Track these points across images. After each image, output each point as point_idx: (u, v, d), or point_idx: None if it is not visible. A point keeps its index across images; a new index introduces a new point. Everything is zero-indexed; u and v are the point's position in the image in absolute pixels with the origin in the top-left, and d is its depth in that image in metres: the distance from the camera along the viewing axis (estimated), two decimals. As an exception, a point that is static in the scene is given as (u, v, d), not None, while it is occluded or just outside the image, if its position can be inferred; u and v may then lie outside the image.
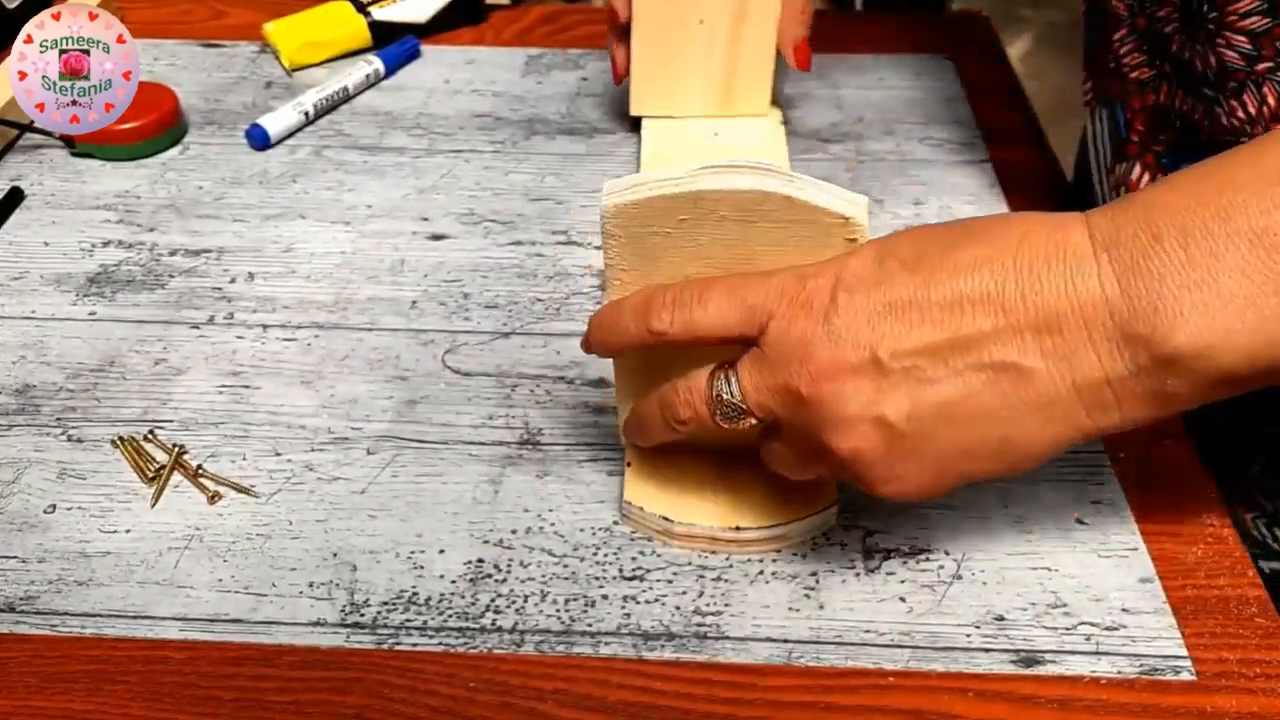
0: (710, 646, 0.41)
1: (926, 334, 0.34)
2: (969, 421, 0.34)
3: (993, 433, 0.34)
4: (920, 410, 0.34)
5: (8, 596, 0.42)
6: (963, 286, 0.34)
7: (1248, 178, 0.32)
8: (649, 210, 0.37)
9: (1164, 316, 0.32)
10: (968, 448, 0.35)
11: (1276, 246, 0.31)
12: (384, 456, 0.48)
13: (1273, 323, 0.31)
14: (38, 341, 0.53)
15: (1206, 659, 0.40)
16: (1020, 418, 0.34)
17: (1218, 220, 0.32)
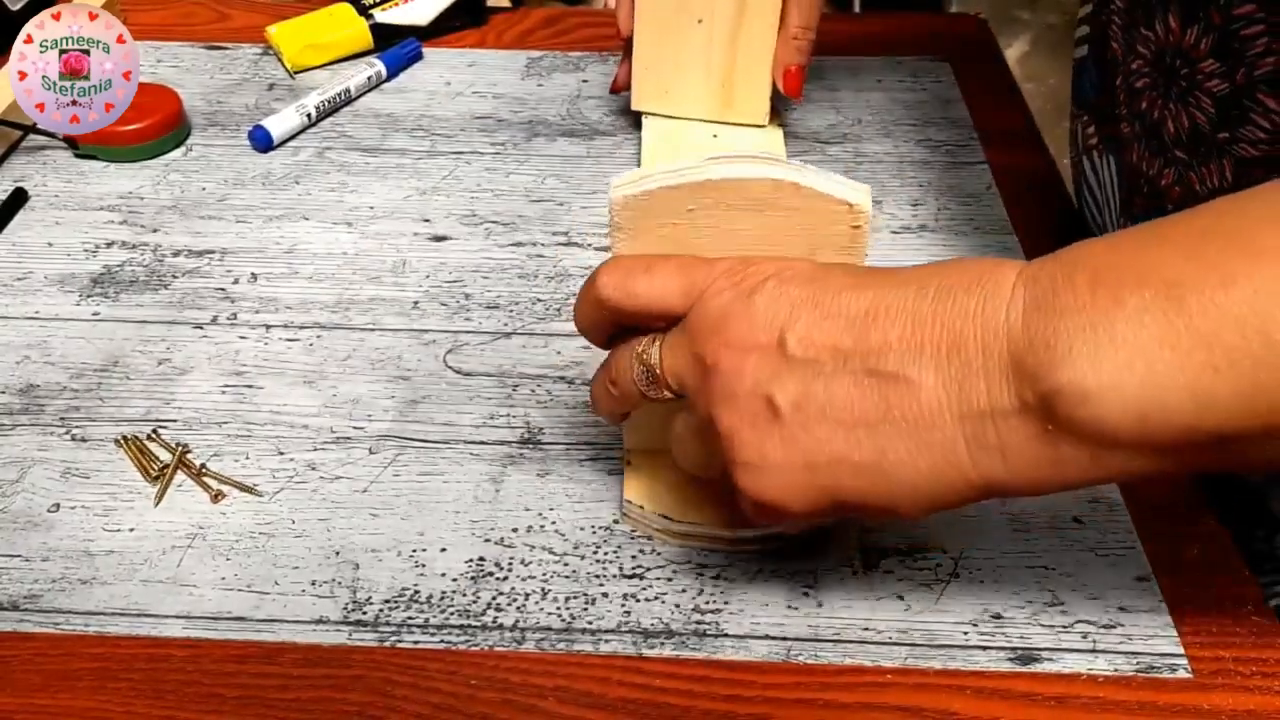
0: (709, 644, 0.41)
1: (837, 331, 0.33)
2: (848, 425, 0.33)
3: (868, 443, 0.33)
4: (806, 401, 0.33)
5: (12, 595, 0.42)
6: (885, 298, 0.33)
7: (1176, 235, 0.31)
8: (657, 202, 0.37)
9: (1052, 352, 0.30)
10: (841, 453, 0.33)
11: (1182, 300, 0.29)
12: (386, 456, 0.48)
13: (1163, 379, 0.29)
14: (42, 341, 0.53)
15: (1202, 657, 0.41)
16: (899, 435, 0.32)
17: (1131, 268, 0.30)
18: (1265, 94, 0.39)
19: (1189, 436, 0.29)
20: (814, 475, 0.34)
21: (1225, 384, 0.28)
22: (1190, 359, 0.28)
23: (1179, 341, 0.28)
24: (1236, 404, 0.29)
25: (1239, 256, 0.29)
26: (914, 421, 0.32)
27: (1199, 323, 0.28)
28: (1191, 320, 0.28)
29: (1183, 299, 0.29)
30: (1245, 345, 0.28)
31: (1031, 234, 0.60)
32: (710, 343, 0.35)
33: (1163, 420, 0.29)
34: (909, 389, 0.32)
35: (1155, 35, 0.45)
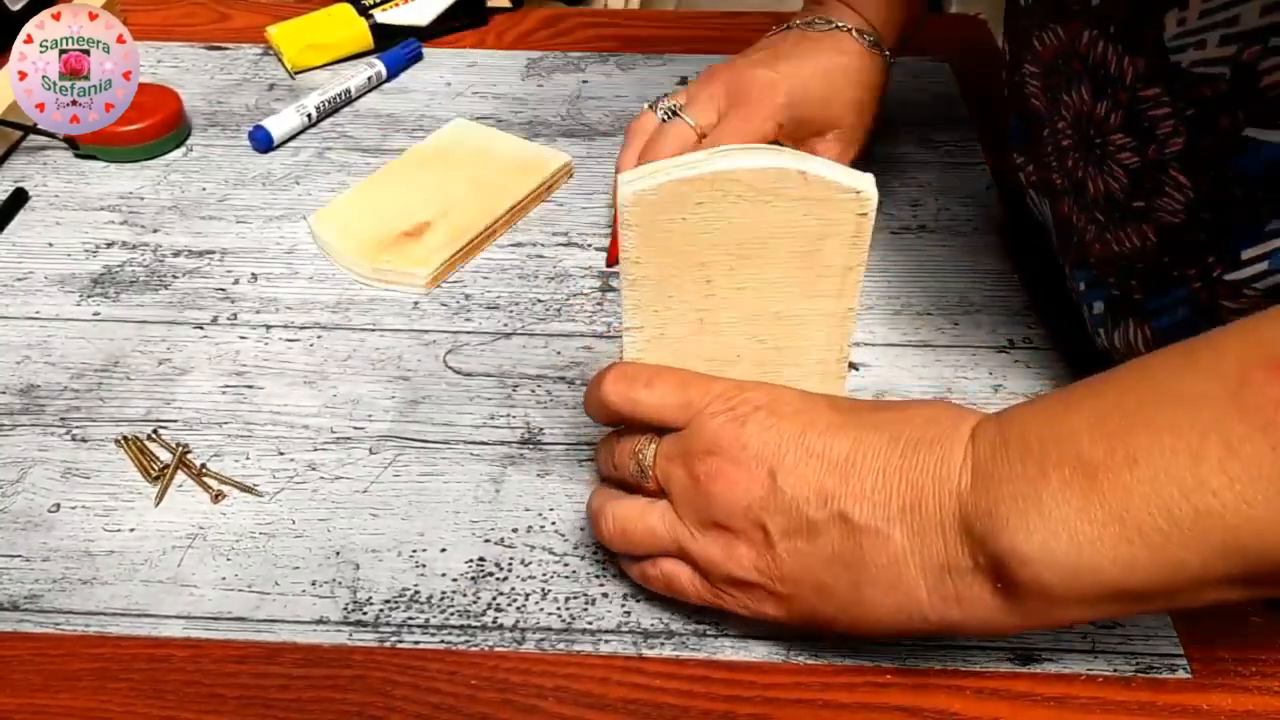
0: (709, 644, 0.41)
1: (821, 474, 0.36)
2: (829, 561, 0.36)
3: (845, 578, 0.36)
4: (794, 533, 0.36)
5: (12, 595, 0.42)
6: (862, 443, 0.36)
7: (1090, 407, 0.33)
8: (666, 196, 0.37)
9: (994, 520, 0.33)
10: (822, 583, 0.36)
11: (1094, 478, 0.32)
12: (386, 456, 0.48)
13: (1086, 548, 0.32)
14: (42, 342, 0.54)
15: (1202, 657, 0.41)
16: (872, 576, 0.36)
17: (1053, 441, 0.33)
18: (1177, 171, 0.40)
19: (1123, 593, 0.33)
20: (796, 596, 0.37)
21: (1142, 552, 0.31)
22: (1106, 531, 0.32)
23: (1095, 515, 0.32)
24: (1157, 569, 0.32)
25: (1142, 433, 0.32)
26: (884, 566, 0.35)
27: (1110, 500, 0.32)
28: (1104, 498, 0.32)
29: (1095, 477, 0.32)
30: (1152, 520, 0.31)
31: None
32: (704, 462, 0.38)
33: (1094, 581, 0.32)
34: (879, 539, 0.35)
35: (1072, 101, 0.46)
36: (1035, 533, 0.32)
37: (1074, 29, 0.45)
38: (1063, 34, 0.46)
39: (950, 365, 0.53)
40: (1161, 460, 0.31)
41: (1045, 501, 0.32)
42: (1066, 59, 0.46)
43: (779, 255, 0.39)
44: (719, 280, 0.39)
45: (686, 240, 0.39)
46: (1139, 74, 0.41)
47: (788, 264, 0.39)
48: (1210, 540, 0.31)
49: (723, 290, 0.40)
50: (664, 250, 0.39)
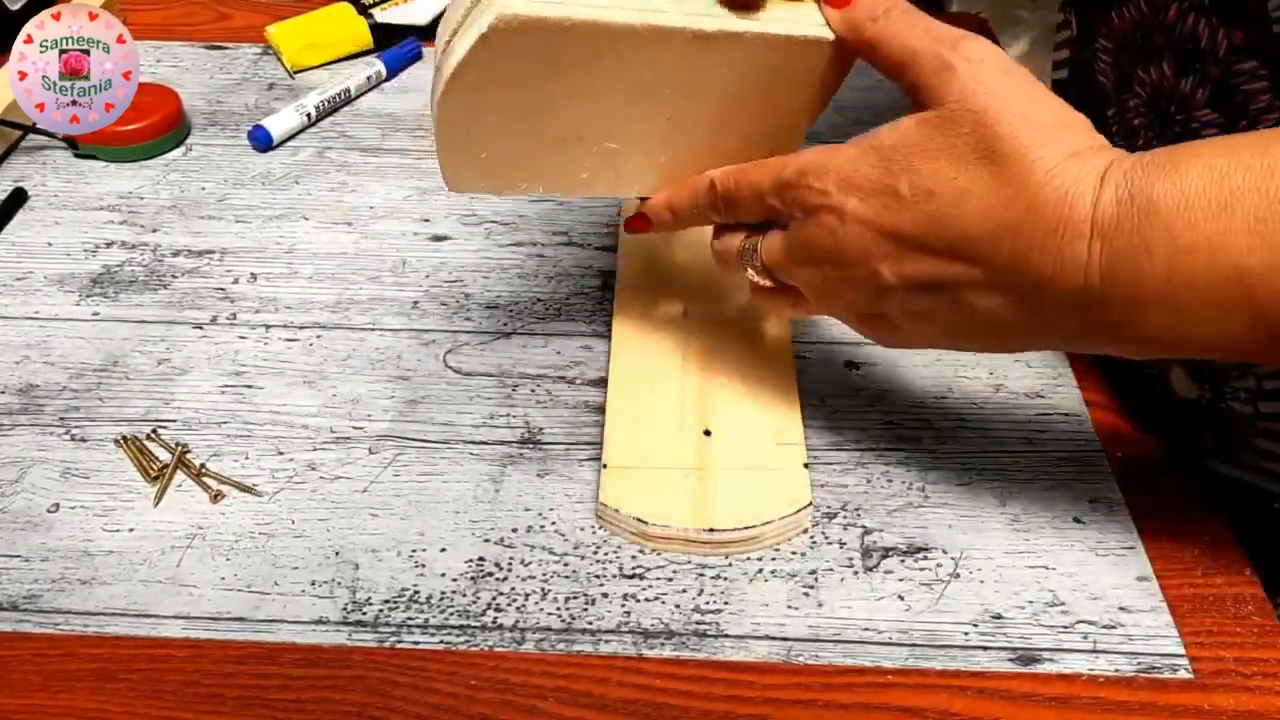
0: (709, 644, 0.41)
1: (924, 268, 0.37)
2: (952, 328, 0.39)
3: (974, 331, 0.39)
4: (913, 312, 0.39)
5: (11, 595, 0.42)
6: (961, 244, 0.36)
7: (1251, 200, 0.32)
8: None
9: (1136, 310, 0.34)
10: (950, 334, 0.40)
11: (1249, 286, 0.32)
12: (386, 456, 0.48)
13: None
14: (41, 341, 0.53)
15: (1204, 657, 0.41)
16: (994, 335, 0.38)
17: (1206, 245, 0.33)
18: None
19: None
20: (938, 332, 0.40)
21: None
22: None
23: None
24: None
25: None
26: (999, 329, 0.38)
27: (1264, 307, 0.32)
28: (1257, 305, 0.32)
29: (1249, 286, 0.32)
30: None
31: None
32: (820, 270, 0.40)
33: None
34: (997, 320, 0.37)
35: (1149, 78, 0.46)
36: (1180, 327, 0.34)
37: (1160, 3, 0.44)
38: (1145, 6, 0.45)
39: (950, 365, 0.53)
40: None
41: (1186, 311, 0.33)
42: (1146, 33, 0.45)
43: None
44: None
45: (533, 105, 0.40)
46: (1234, 46, 0.40)
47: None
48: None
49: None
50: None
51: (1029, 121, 0.36)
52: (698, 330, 0.52)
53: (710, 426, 0.47)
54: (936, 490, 0.47)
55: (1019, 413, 0.50)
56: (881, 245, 0.38)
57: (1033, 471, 0.47)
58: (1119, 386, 0.51)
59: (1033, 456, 0.48)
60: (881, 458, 0.48)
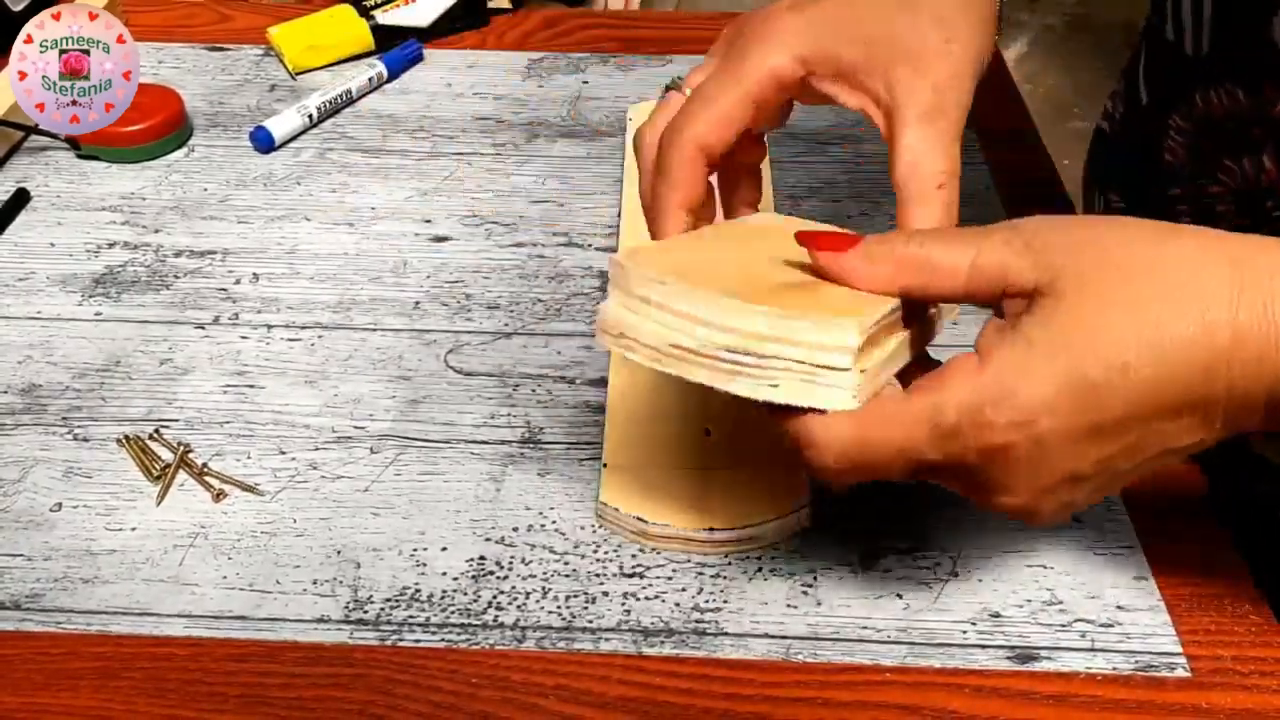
0: (709, 643, 0.41)
1: (1130, 441, 0.33)
2: (1136, 479, 0.35)
3: (1150, 475, 0.35)
4: (1102, 489, 0.35)
5: (14, 594, 0.42)
6: (1172, 399, 0.32)
7: None
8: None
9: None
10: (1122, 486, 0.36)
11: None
12: (387, 455, 0.48)
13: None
14: (44, 341, 0.54)
15: (1201, 655, 0.41)
16: (1179, 460, 0.35)
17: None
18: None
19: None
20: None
21: None
22: None
23: None
24: None
25: None
26: (1188, 454, 0.34)
27: None
28: None
29: None
30: None
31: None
32: (997, 500, 0.35)
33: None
34: (1195, 449, 0.34)
35: (1240, 168, 0.43)
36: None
37: (1265, 93, 0.41)
38: (1245, 98, 0.43)
39: (950, 365, 0.53)
40: None
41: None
42: (1242, 124, 0.42)
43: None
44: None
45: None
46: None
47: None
48: None
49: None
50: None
51: (1158, 240, 0.33)
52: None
53: (710, 426, 0.47)
54: (935, 489, 0.47)
55: (1017, 413, 0.50)
56: (1085, 449, 0.33)
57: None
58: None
59: (1031, 456, 0.48)
60: (880, 457, 0.48)
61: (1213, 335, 0.32)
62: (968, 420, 0.33)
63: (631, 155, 0.65)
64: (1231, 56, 0.43)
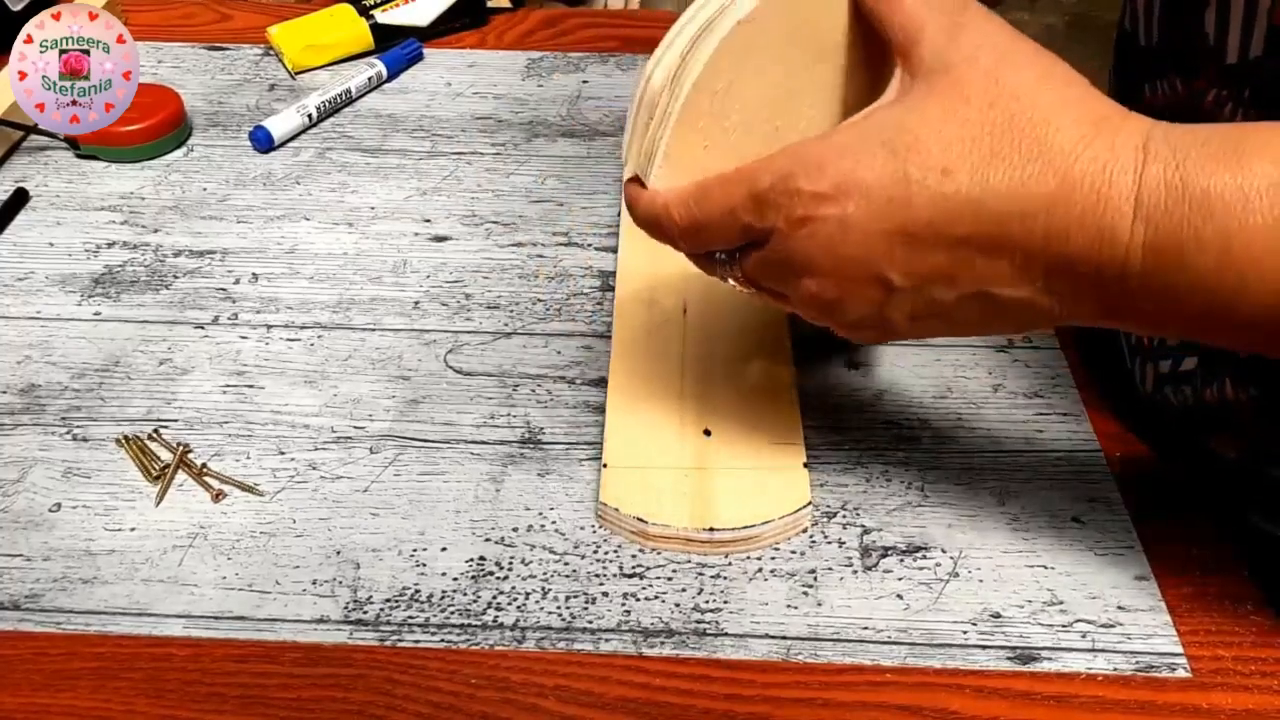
0: (709, 643, 0.41)
1: (941, 262, 0.34)
2: (968, 324, 0.36)
3: (993, 324, 0.36)
4: (920, 314, 0.36)
5: (13, 594, 0.42)
6: (987, 227, 0.33)
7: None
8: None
9: (1177, 299, 0.32)
10: (963, 329, 0.37)
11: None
12: (387, 455, 0.48)
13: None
14: (43, 341, 0.54)
15: (1202, 656, 0.41)
16: (1013, 322, 0.36)
17: (1264, 253, 0.31)
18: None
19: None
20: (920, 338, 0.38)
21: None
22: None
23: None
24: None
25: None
26: (1025, 316, 0.35)
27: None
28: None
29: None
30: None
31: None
32: (805, 285, 0.36)
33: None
34: (1023, 305, 0.34)
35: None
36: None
37: (1198, 86, 0.42)
38: (1181, 88, 0.43)
39: (950, 365, 0.53)
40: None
41: (1238, 299, 0.31)
42: (1180, 114, 0.41)
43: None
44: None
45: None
46: None
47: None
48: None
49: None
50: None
51: (1046, 82, 0.33)
52: (698, 330, 0.52)
53: (710, 426, 0.47)
54: (936, 490, 0.47)
55: (1018, 413, 0.50)
56: (891, 247, 0.34)
57: (1031, 471, 0.48)
58: (1134, 417, 0.50)
59: (1032, 456, 0.48)
60: (881, 457, 0.48)
61: (1039, 179, 0.32)
62: (780, 187, 0.35)
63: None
64: (1173, 48, 0.43)
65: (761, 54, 0.37)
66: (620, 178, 0.65)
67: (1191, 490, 0.47)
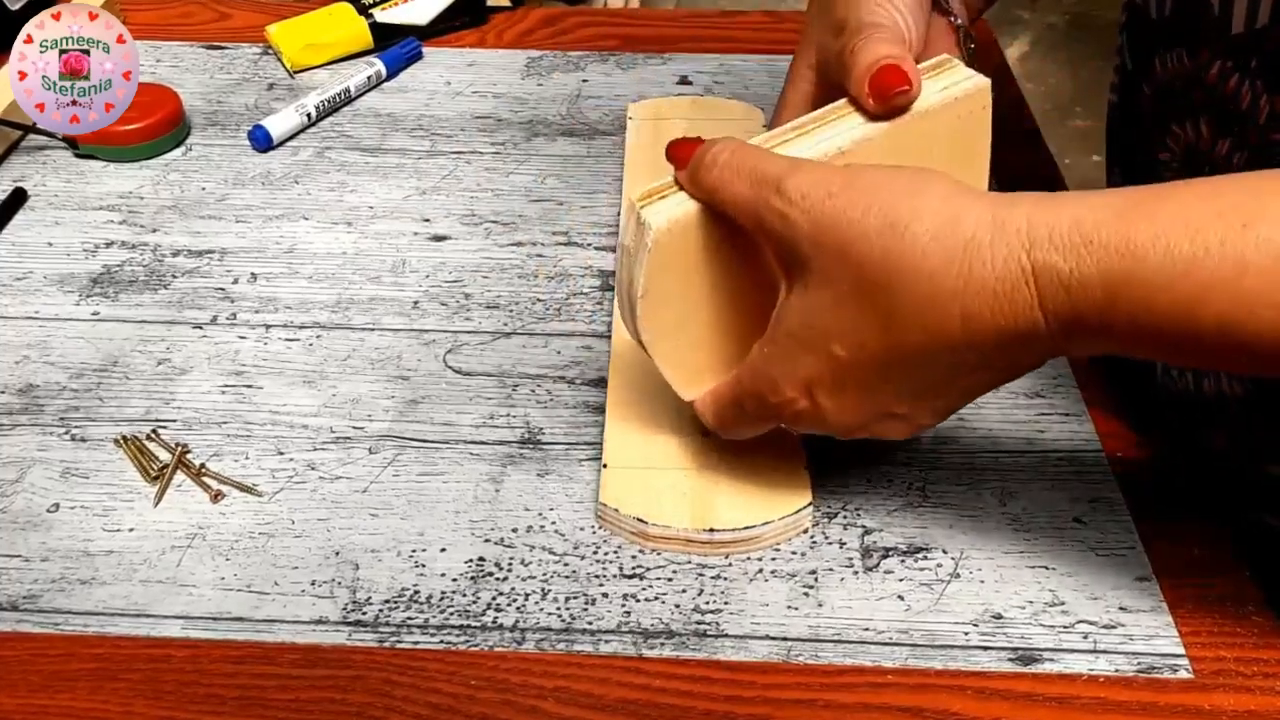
0: (709, 644, 0.41)
1: (921, 389, 0.37)
2: (984, 391, 0.39)
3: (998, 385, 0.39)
4: (941, 409, 0.39)
5: (11, 595, 0.42)
6: (930, 369, 0.36)
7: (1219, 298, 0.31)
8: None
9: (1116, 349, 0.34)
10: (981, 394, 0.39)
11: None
12: (386, 456, 0.48)
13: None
14: (41, 341, 0.53)
15: (1204, 657, 0.41)
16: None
17: (1174, 323, 0.32)
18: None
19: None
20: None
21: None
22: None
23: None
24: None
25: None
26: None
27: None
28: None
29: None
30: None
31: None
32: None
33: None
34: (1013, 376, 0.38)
35: (1185, 134, 0.44)
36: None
37: (1203, 57, 0.42)
38: (1188, 59, 0.43)
39: (951, 365, 0.52)
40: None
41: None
42: (1186, 87, 0.43)
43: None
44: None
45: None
46: (1274, 113, 0.38)
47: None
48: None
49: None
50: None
51: (893, 234, 0.34)
52: None
53: None
54: (936, 490, 0.47)
55: (1019, 413, 0.50)
56: (874, 401, 0.38)
57: (1033, 471, 0.47)
58: (1129, 401, 0.51)
59: (1033, 457, 0.48)
60: (881, 458, 0.48)
61: (942, 326, 0.34)
62: (758, 404, 0.40)
63: (632, 153, 0.65)
64: (1181, 19, 0.44)
65: (677, 296, 0.41)
66: (619, 175, 0.64)
67: (1193, 490, 0.47)
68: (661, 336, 0.42)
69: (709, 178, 0.38)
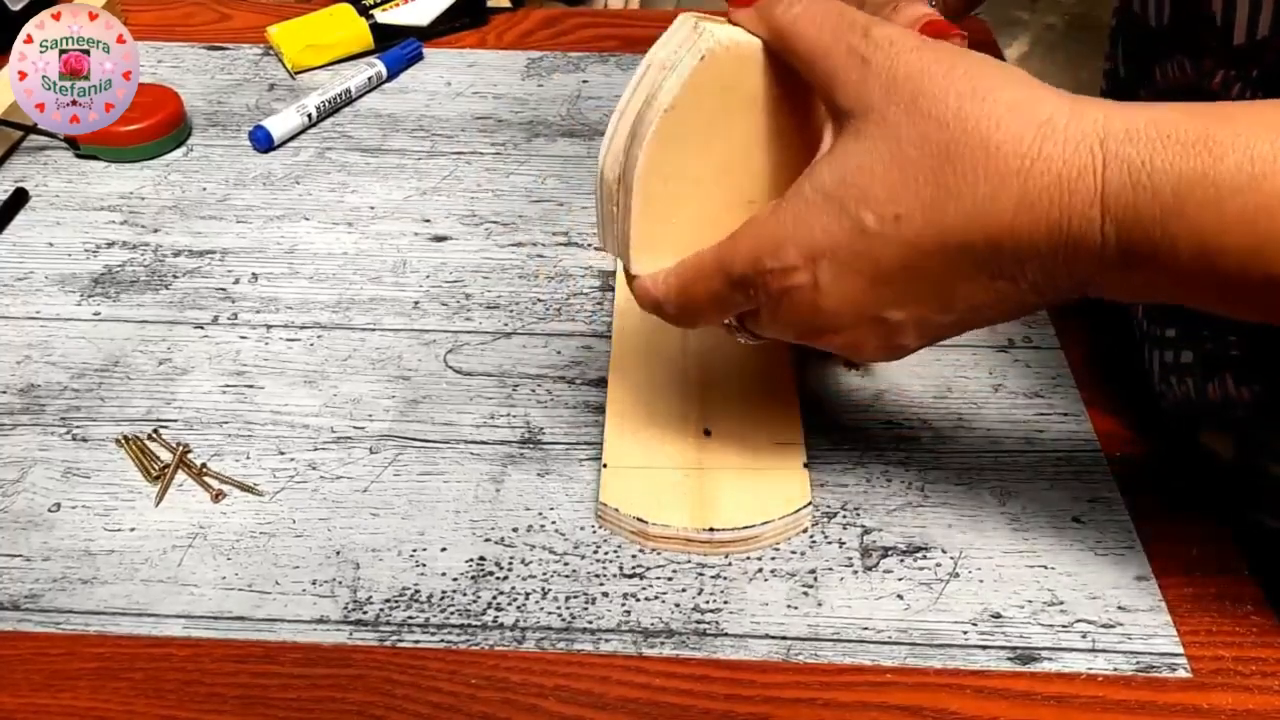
0: (709, 643, 0.41)
1: (925, 293, 0.35)
2: (970, 325, 0.36)
3: (987, 322, 0.37)
4: (927, 333, 0.37)
5: (12, 595, 0.42)
6: (955, 260, 0.33)
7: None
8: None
9: (1153, 285, 0.33)
10: (969, 328, 0.37)
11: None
12: (386, 455, 0.48)
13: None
14: (42, 341, 0.54)
15: (1202, 656, 0.41)
16: (1012, 312, 0.36)
17: (1236, 249, 0.30)
18: None
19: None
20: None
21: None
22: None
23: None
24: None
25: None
26: (1014, 309, 0.35)
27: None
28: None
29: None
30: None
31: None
32: (808, 336, 0.38)
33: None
34: (1013, 304, 0.35)
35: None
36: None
37: (1206, 66, 0.42)
38: (1190, 69, 0.43)
39: (950, 365, 0.53)
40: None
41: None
42: (1188, 95, 0.42)
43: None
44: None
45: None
46: None
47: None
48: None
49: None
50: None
51: (972, 101, 0.32)
52: (698, 330, 0.52)
53: (710, 426, 0.47)
54: (936, 490, 0.47)
55: (1018, 412, 0.50)
56: (874, 293, 0.35)
57: (1032, 471, 0.48)
58: (1129, 404, 0.50)
59: (1032, 456, 0.48)
60: (881, 457, 0.48)
61: (994, 205, 0.32)
62: (752, 270, 0.36)
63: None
64: (1181, 29, 0.43)
65: (696, 134, 0.37)
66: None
67: (1192, 490, 0.47)
68: (656, 171, 0.37)
69: (786, 15, 0.35)
